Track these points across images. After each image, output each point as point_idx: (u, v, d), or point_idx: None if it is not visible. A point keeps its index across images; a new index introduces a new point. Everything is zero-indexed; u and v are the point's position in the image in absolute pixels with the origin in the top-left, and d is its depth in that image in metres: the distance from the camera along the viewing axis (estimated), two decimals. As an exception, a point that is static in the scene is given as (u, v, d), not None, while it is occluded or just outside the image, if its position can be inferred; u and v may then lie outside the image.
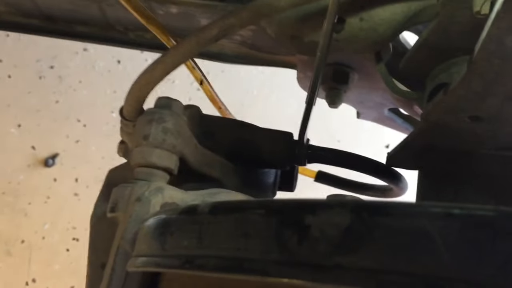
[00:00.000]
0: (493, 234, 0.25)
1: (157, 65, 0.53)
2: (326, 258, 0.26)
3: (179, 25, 0.72)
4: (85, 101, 1.78)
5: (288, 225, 0.28)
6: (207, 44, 0.53)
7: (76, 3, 0.78)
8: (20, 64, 1.80)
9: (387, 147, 1.78)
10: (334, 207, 0.28)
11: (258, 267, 0.28)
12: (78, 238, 1.67)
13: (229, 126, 0.62)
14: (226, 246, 0.31)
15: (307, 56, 0.68)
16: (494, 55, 0.38)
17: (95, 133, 1.75)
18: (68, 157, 1.73)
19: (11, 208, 1.68)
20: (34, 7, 0.81)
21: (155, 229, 0.38)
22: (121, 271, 0.45)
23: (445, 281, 0.24)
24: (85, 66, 1.82)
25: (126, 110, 0.55)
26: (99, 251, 0.53)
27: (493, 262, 0.24)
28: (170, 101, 0.55)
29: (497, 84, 0.41)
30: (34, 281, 1.63)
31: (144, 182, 0.49)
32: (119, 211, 0.49)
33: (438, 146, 0.55)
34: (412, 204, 0.27)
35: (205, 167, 0.58)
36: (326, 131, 1.80)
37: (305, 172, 0.83)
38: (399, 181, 0.68)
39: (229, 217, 0.32)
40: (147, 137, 0.51)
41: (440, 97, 0.46)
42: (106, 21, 0.81)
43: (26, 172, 1.71)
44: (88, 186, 1.70)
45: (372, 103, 0.80)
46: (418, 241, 0.25)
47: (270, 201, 0.31)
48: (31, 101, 1.77)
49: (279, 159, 0.61)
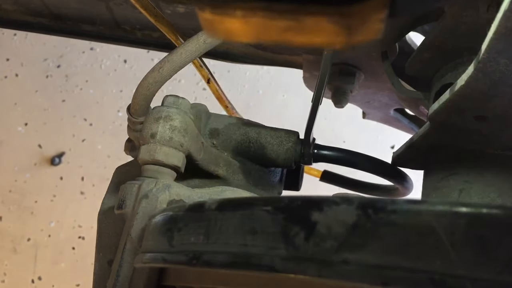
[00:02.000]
0: (499, 232, 0.25)
1: (165, 63, 0.53)
2: (332, 254, 0.27)
3: (186, 24, 0.72)
4: (91, 100, 1.79)
5: (295, 222, 0.29)
6: (214, 43, 0.53)
7: (84, 1, 0.78)
8: (27, 63, 1.81)
9: (393, 147, 1.78)
10: (340, 204, 0.28)
11: (265, 263, 0.29)
12: (84, 236, 1.68)
13: (236, 124, 0.63)
14: (233, 242, 0.31)
15: (313, 55, 0.68)
16: (501, 55, 0.38)
17: (101, 132, 1.76)
18: (75, 156, 1.74)
19: (18, 206, 1.69)
20: (42, 6, 0.82)
21: (162, 226, 0.38)
22: (128, 267, 0.46)
23: (451, 278, 0.25)
24: (92, 65, 1.83)
25: (133, 108, 0.56)
26: (106, 248, 0.53)
27: (499, 259, 0.24)
28: (177, 99, 0.55)
29: (504, 84, 0.41)
30: (40, 279, 1.64)
31: (151, 180, 0.50)
32: (127, 208, 0.49)
33: (444, 146, 0.55)
34: (418, 201, 0.27)
35: (211, 165, 0.58)
36: (332, 131, 1.80)
37: (310, 172, 0.83)
38: (405, 181, 0.68)
39: (236, 213, 0.32)
40: (155, 135, 0.52)
41: (446, 97, 0.46)
42: (114, 20, 0.82)
43: (33, 171, 1.72)
44: (94, 184, 1.71)
45: (378, 103, 0.80)
46: (424, 238, 0.26)
47: (277, 198, 0.31)
48: (38, 99, 1.78)
49: (285, 158, 0.62)
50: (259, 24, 0.16)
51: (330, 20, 0.15)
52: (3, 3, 0.83)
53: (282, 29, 0.16)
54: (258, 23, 0.16)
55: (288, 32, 0.16)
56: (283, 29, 0.16)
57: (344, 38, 0.16)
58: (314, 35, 0.16)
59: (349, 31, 0.16)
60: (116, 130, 1.76)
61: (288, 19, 0.15)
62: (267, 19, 0.16)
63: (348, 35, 0.16)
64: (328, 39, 0.16)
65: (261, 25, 0.16)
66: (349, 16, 0.15)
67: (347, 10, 0.15)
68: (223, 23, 0.16)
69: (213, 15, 0.16)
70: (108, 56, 1.83)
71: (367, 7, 0.16)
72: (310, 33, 0.15)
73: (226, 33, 0.16)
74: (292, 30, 0.15)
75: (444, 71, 0.59)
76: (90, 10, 0.80)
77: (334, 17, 0.15)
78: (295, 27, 0.15)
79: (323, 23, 0.15)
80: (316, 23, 0.15)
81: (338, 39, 0.16)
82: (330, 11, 0.15)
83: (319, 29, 0.15)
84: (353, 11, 0.15)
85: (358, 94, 0.77)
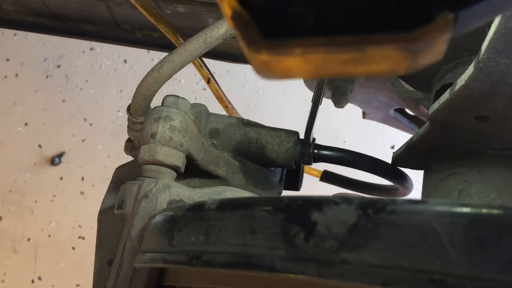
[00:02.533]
0: (498, 232, 0.25)
1: (165, 63, 0.53)
2: (332, 254, 0.27)
3: (186, 24, 0.72)
4: (91, 100, 1.79)
5: (295, 222, 0.29)
6: (215, 43, 0.53)
7: (84, 1, 0.78)
8: (27, 63, 1.81)
9: (392, 147, 1.78)
10: (340, 204, 0.28)
11: (265, 263, 0.29)
12: (84, 236, 1.68)
13: (236, 124, 0.63)
14: (233, 242, 0.31)
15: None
16: (501, 55, 0.38)
17: (101, 132, 1.76)
18: (75, 156, 1.74)
19: (18, 206, 1.69)
20: (42, 6, 0.82)
21: (162, 226, 0.38)
22: (128, 267, 0.46)
23: (451, 278, 0.25)
24: (92, 65, 1.83)
25: (133, 108, 0.56)
26: (106, 248, 0.53)
27: (498, 259, 0.24)
28: (177, 99, 0.55)
29: (504, 84, 0.41)
30: (40, 279, 1.64)
31: (151, 179, 0.50)
32: (127, 207, 0.49)
33: (444, 146, 0.55)
34: (418, 201, 0.27)
35: (211, 165, 0.58)
36: (332, 131, 1.80)
37: (310, 172, 0.83)
38: (405, 181, 0.68)
39: (236, 213, 0.32)
40: (155, 135, 0.52)
41: (446, 97, 0.46)
42: (114, 20, 0.82)
43: (33, 170, 1.72)
44: (94, 184, 1.71)
45: (378, 103, 0.80)
46: (424, 238, 0.26)
47: (277, 198, 0.31)
48: (38, 100, 1.78)
49: (285, 158, 0.62)
50: (319, 59, 0.15)
51: (396, 47, 0.15)
52: (3, 3, 0.83)
53: (343, 61, 0.15)
54: (318, 59, 0.15)
55: (350, 64, 0.15)
56: (345, 61, 0.15)
57: (408, 63, 0.15)
58: (377, 64, 0.15)
59: (414, 56, 0.15)
60: (116, 130, 1.76)
61: (351, 51, 0.15)
62: (328, 53, 0.15)
63: (413, 60, 0.15)
64: (392, 66, 0.15)
65: (321, 60, 0.15)
66: (415, 41, 0.15)
67: (412, 35, 0.15)
68: (280, 63, 0.15)
69: (270, 56, 0.15)
70: (108, 56, 1.83)
71: (432, 29, 0.15)
72: (374, 62, 0.15)
73: (284, 73, 0.15)
74: (354, 62, 0.15)
75: (444, 71, 0.59)
76: (90, 10, 0.80)
77: (401, 44, 0.15)
78: (358, 58, 0.15)
79: (388, 51, 0.15)
80: (380, 52, 0.15)
81: (403, 65, 0.15)
82: (395, 38, 0.15)
83: (383, 57, 0.15)
84: (418, 35, 0.15)
85: (358, 94, 0.77)
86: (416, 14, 0.15)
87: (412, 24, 0.15)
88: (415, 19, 0.15)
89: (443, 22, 0.15)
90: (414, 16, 0.15)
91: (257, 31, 0.16)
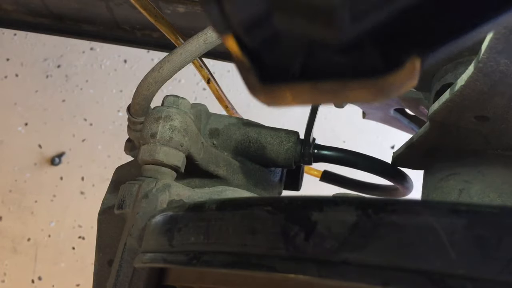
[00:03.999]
0: (499, 232, 0.25)
1: (165, 63, 0.53)
2: (332, 255, 0.27)
3: (186, 24, 0.72)
4: (91, 100, 1.79)
5: (295, 222, 0.29)
6: (214, 43, 0.53)
7: (84, 1, 0.78)
8: (27, 63, 1.81)
9: (393, 147, 1.78)
10: (340, 204, 0.28)
11: (265, 263, 0.29)
12: (84, 237, 1.68)
13: (236, 124, 0.63)
14: (233, 242, 0.31)
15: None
16: (501, 55, 0.38)
17: (101, 132, 1.76)
18: (75, 156, 1.74)
19: (18, 206, 1.69)
20: (42, 6, 0.82)
21: (162, 226, 0.38)
22: (128, 267, 0.46)
23: (451, 278, 0.25)
24: (92, 65, 1.83)
25: (133, 108, 0.56)
26: (106, 248, 0.53)
27: (499, 259, 0.24)
28: (177, 99, 0.55)
29: (504, 84, 0.41)
30: (40, 279, 1.64)
31: (151, 179, 0.50)
32: (127, 207, 0.49)
33: (444, 146, 0.55)
34: (418, 201, 0.27)
35: (211, 165, 0.58)
36: (332, 131, 1.80)
37: (310, 172, 0.83)
38: (405, 181, 0.68)
39: (236, 213, 0.32)
40: (155, 135, 0.52)
41: (446, 97, 0.46)
42: (114, 20, 0.82)
43: (33, 170, 1.72)
44: (94, 184, 1.71)
45: (378, 103, 0.80)
46: (424, 238, 0.26)
47: (277, 198, 0.31)
48: (38, 99, 1.78)
49: (285, 158, 0.62)
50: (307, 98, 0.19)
51: (370, 92, 0.18)
52: (3, 3, 0.83)
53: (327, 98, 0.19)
54: (306, 98, 0.19)
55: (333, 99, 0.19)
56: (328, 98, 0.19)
57: (382, 98, 0.18)
58: (355, 99, 0.18)
59: (387, 94, 0.18)
60: (116, 130, 1.76)
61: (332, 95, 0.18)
62: (314, 95, 0.19)
63: (386, 96, 0.18)
64: (369, 100, 0.18)
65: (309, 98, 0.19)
66: (387, 86, 0.18)
67: (384, 81, 0.18)
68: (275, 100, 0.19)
69: (266, 98, 0.19)
70: (108, 56, 1.83)
71: (401, 75, 0.17)
72: (352, 98, 0.18)
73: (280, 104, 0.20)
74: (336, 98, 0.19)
75: (444, 71, 0.59)
76: (90, 10, 0.80)
77: (373, 89, 0.18)
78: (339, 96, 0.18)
79: (363, 93, 0.18)
80: (357, 94, 0.18)
81: (377, 99, 0.18)
82: (369, 84, 0.18)
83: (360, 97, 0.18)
84: (389, 81, 0.18)
85: (358, 94, 0.76)
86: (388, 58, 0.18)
87: (386, 67, 0.18)
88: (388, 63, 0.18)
89: (410, 68, 0.17)
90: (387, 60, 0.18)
91: (256, 78, 0.19)
